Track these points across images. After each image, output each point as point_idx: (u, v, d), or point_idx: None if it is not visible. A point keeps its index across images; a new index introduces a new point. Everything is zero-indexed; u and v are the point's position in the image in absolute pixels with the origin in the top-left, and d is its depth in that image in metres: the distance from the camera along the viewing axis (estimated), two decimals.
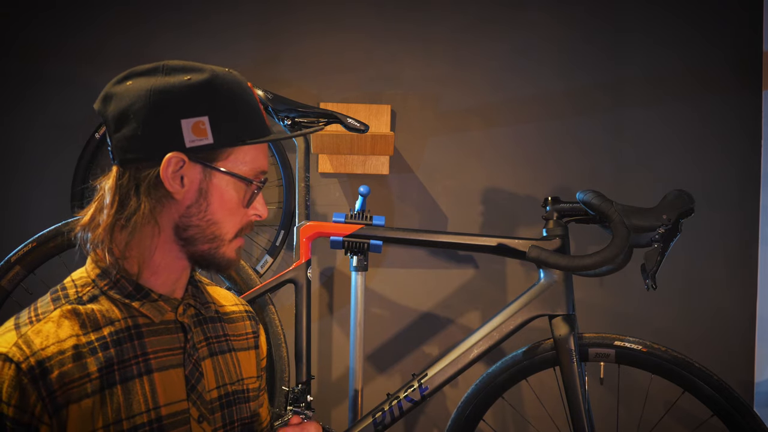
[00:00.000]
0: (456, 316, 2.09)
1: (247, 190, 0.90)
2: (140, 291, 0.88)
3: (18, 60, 2.01)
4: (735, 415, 1.47)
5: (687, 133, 2.09)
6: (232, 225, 0.90)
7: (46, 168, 2.02)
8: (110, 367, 0.82)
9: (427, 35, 2.07)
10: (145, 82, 0.85)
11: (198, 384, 0.89)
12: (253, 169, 0.90)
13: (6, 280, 1.55)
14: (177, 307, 0.91)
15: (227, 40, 2.03)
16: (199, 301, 0.97)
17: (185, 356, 0.89)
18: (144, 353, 0.85)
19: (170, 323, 0.90)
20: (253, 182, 0.90)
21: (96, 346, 0.82)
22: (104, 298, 0.86)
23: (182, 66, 0.87)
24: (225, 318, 1.01)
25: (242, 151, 0.88)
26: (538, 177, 2.08)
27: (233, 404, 0.94)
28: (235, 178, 0.88)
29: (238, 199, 0.89)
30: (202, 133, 0.84)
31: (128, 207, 0.84)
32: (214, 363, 0.94)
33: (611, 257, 1.45)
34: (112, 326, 0.84)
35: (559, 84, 2.09)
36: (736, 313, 2.09)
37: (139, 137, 0.84)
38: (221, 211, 0.88)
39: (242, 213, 0.91)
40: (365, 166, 2.05)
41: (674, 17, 2.09)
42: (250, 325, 1.05)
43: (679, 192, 1.51)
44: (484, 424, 1.88)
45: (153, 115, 0.83)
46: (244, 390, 0.97)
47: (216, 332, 0.97)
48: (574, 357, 1.51)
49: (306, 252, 1.61)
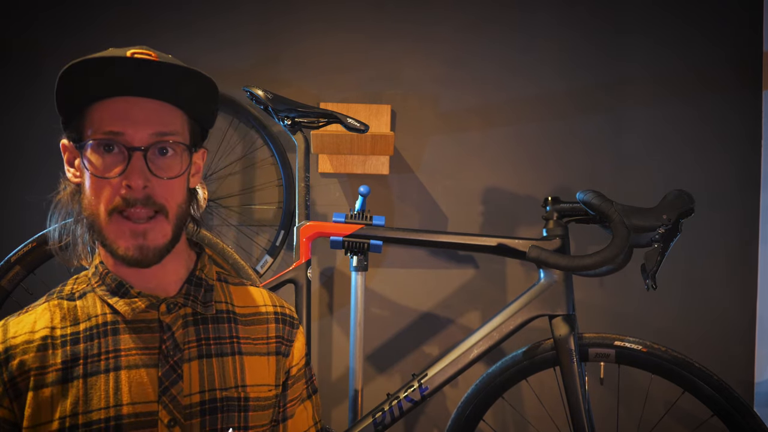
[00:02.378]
0: (456, 316, 2.09)
1: (105, 157, 0.85)
2: (121, 288, 0.87)
3: (18, 60, 2.01)
4: (735, 415, 1.47)
5: (687, 133, 2.09)
6: (101, 200, 0.86)
7: (45, 168, 2.02)
8: (76, 361, 0.82)
9: (427, 35, 2.08)
10: None
11: (173, 386, 0.85)
12: (98, 131, 0.86)
13: (6, 280, 1.55)
14: (159, 305, 0.88)
15: (227, 40, 2.03)
16: (197, 300, 0.92)
17: (161, 356, 0.85)
18: (115, 350, 0.84)
19: (152, 322, 0.87)
20: (98, 142, 0.84)
21: (68, 339, 0.83)
22: (92, 295, 0.88)
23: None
24: (241, 319, 0.95)
25: (93, 116, 0.87)
26: (539, 177, 2.08)
27: (219, 411, 0.87)
28: (87, 147, 0.87)
29: (100, 169, 0.85)
30: (60, 110, 0.90)
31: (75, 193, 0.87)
32: (202, 366, 0.88)
33: (611, 257, 1.45)
34: (89, 322, 0.85)
35: (559, 84, 2.09)
36: (736, 313, 2.09)
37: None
38: (90, 188, 0.87)
39: (111, 185, 0.84)
40: (365, 166, 2.05)
41: (674, 17, 2.09)
42: (277, 328, 0.97)
43: (679, 192, 1.51)
44: (484, 424, 1.88)
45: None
46: (241, 398, 0.90)
47: (219, 333, 0.91)
48: (574, 357, 1.51)
49: (306, 252, 1.61)
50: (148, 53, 0.85)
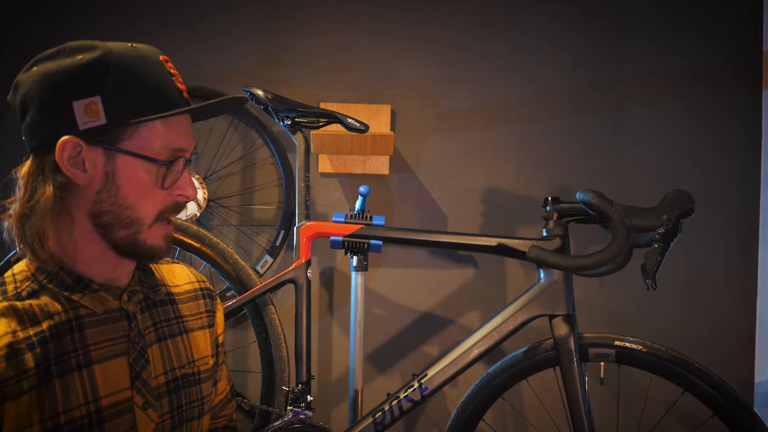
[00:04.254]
0: (456, 316, 2.09)
1: (159, 171, 0.84)
2: (80, 282, 0.85)
3: (18, 60, 2.01)
4: (735, 415, 1.47)
5: (687, 133, 2.09)
6: (150, 208, 0.85)
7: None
8: (47, 362, 0.80)
9: (427, 35, 2.08)
10: (43, 67, 0.82)
11: (143, 371, 0.88)
12: (166, 147, 0.84)
13: None
14: (120, 294, 0.89)
15: (228, 40, 2.03)
16: (148, 285, 0.94)
17: (129, 344, 0.87)
18: (84, 345, 0.83)
19: (114, 312, 0.87)
20: (162, 162, 0.84)
21: (34, 341, 0.79)
22: (44, 293, 0.83)
23: (79, 45, 0.83)
24: (177, 299, 0.99)
25: (148, 129, 0.82)
26: (538, 177, 2.09)
27: (181, 388, 0.93)
28: (141, 158, 0.82)
29: (150, 180, 0.84)
30: (94, 114, 0.80)
31: (35, 195, 0.82)
32: (162, 348, 0.92)
33: (611, 257, 1.45)
34: (52, 320, 0.81)
35: (559, 84, 2.09)
36: (736, 313, 2.09)
37: (37, 123, 0.82)
38: (133, 194, 0.83)
39: (161, 194, 0.86)
40: (365, 166, 2.05)
41: (674, 17, 2.09)
42: (205, 303, 1.03)
43: (679, 192, 1.51)
44: (484, 424, 1.88)
45: (46, 100, 0.81)
46: (195, 372, 0.96)
47: (166, 315, 0.95)
48: (574, 357, 1.51)
49: (306, 252, 1.61)
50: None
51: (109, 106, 0.80)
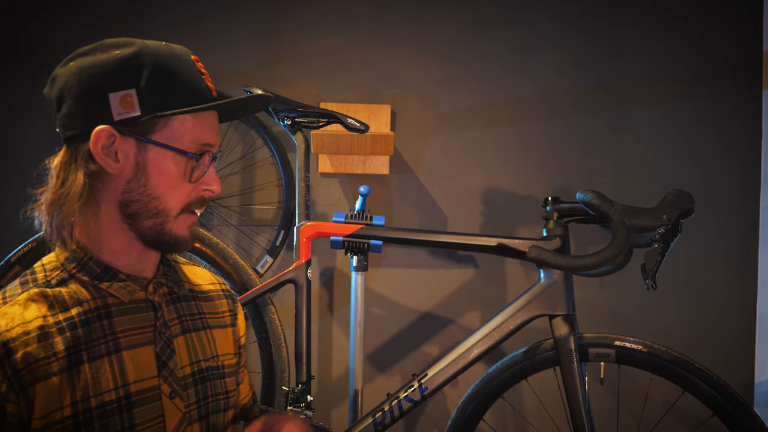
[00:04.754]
0: (456, 316, 2.09)
1: (188, 164, 0.88)
2: (108, 272, 0.88)
3: (18, 60, 2.01)
4: (735, 415, 1.47)
5: (687, 133, 2.09)
6: (176, 200, 0.88)
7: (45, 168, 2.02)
8: (78, 347, 0.83)
9: (427, 35, 2.08)
10: (80, 62, 0.86)
11: (169, 361, 0.90)
12: (194, 141, 0.87)
13: (6, 280, 1.55)
14: (147, 286, 0.92)
15: (228, 40, 2.03)
16: (172, 280, 0.97)
17: (156, 334, 0.90)
18: (113, 332, 0.86)
19: (141, 302, 0.90)
20: (191, 155, 0.87)
21: (64, 326, 0.83)
22: (73, 281, 0.87)
23: (116, 42, 0.87)
24: (201, 296, 1.02)
25: (178, 122, 0.86)
26: (539, 177, 2.08)
27: (207, 380, 0.95)
28: (171, 150, 0.86)
29: (179, 172, 0.87)
30: (129, 106, 0.84)
31: (66, 183, 0.86)
32: (187, 340, 0.95)
33: (611, 257, 1.45)
34: (81, 307, 0.85)
35: (559, 83, 2.09)
36: (736, 313, 2.09)
37: (73, 114, 0.85)
38: (161, 185, 0.87)
39: (188, 187, 0.89)
40: (365, 166, 2.05)
41: (674, 17, 2.09)
42: (227, 303, 1.06)
43: (679, 192, 1.51)
44: (484, 424, 1.88)
45: (83, 91, 0.84)
46: (219, 366, 0.98)
47: (190, 310, 0.98)
48: (574, 357, 1.51)
49: (306, 252, 1.61)
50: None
51: (143, 98, 0.84)
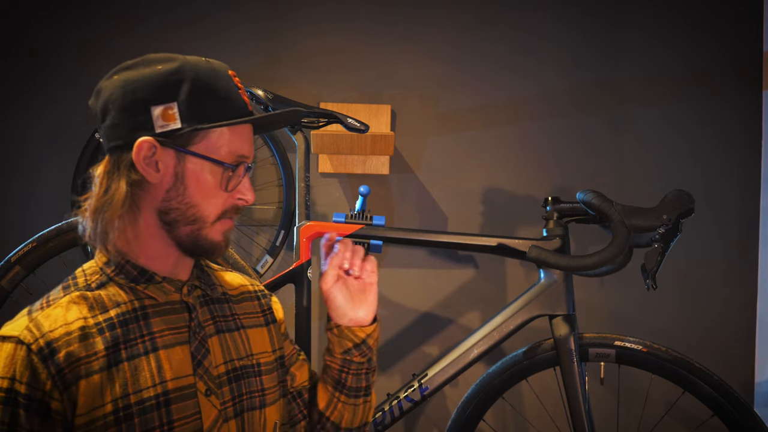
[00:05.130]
0: (456, 316, 2.09)
1: (224, 174, 0.92)
2: (145, 275, 0.93)
3: (18, 60, 2.01)
4: (735, 415, 1.47)
5: (687, 133, 2.09)
6: (212, 208, 0.93)
7: (46, 168, 2.02)
8: (117, 346, 0.87)
9: (427, 35, 2.07)
10: (125, 75, 0.91)
11: (204, 360, 0.94)
12: (230, 153, 0.92)
13: (6, 280, 1.55)
14: (181, 288, 0.96)
15: (228, 40, 2.03)
16: (205, 283, 1.01)
17: (191, 334, 0.94)
18: (150, 332, 0.90)
19: (176, 303, 0.95)
20: (227, 165, 0.92)
21: (104, 326, 0.87)
22: (112, 284, 0.92)
23: (158, 57, 0.92)
24: (233, 299, 1.05)
25: (216, 135, 0.91)
26: (539, 177, 2.08)
27: (241, 378, 0.98)
28: (209, 161, 0.90)
29: (215, 182, 0.92)
30: (170, 118, 0.88)
31: (109, 191, 0.90)
32: (221, 340, 0.98)
33: (611, 257, 1.45)
34: (119, 308, 0.90)
35: (559, 83, 2.09)
36: (736, 313, 2.09)
37: (117, 125, 0.90)
38: (198, 194, 0.91)
39: (223, 196, 0.94)
40: (365, 166, 2.05)
41: (674, 17, 2.09)
42: (260, 304, 1.09)
43: (679, 192, 1.51)
44: (484, 424, 1.88)
45: (127, 104, 0.89)
46: (254, 365, 1.02)
47: (223, 312, 1.01)
48: (574, 357, 1.51)
49: (306, 252, 1.61)
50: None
51: (183, 111, 0.89)
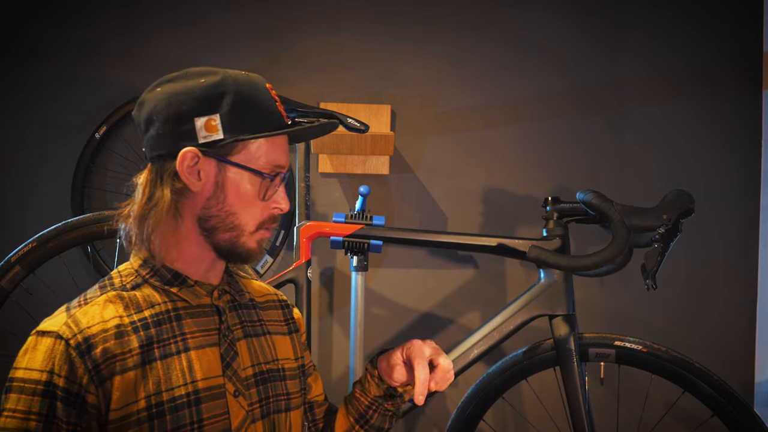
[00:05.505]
0: (456, 316, 2.09)
1: (263, 184, 0.96)
2: (178, 278, 0.97)
3: (18, 60, 2.01)
4: (735, 415, 1.47)
5: (687, 133, 2.09)
6: (251, 216, 0.97)
7: (46, 168, 2.02)
8: (150, 345, 0.91)
9: (427, 35, 2.07)
10: (168, 87, 0.94)
11: (233, 362, 0.97)
12: (269, 163, 0.96)
13: (6, 280, 1.55)
14: (212, 292, 1.00)
15: (228, 40, 2.03)
16: (234, 289, 1.05)
17: (220, 336, 0.97)
18: (182, 333, 0.94)
19: (206, 307, 0.99)
20: (266, 175, 0.96)
21: (138, 325, 0.91)
22: (146, 286, 0.96)
23: (200, 71, 0.96)
24: (260, 306, 1.09)
25: (255, 146, 0.95)
26: (539, 177, 2.08)
27: (268, 381, 1.02)
28: (249, 171, 0.95)
29: (254, 191, 0.96)
30: (213, 129, 0.92)
31: (154, 198, 0.93)
32: (249, 344, 1.02)
33: (611, 257, 1.45)
34: (153, 309, 0.94)
35: (559, 83, 2.09)
36: (736, 313, 2.09)
37: (161, 135, 0.93)
38: (238, 203, 0.95)
39: (261, 205, 0.97)
40: (365, 166, 2.05)
41: (674, 17, 2.09)
42: (284, 313, 1.13)
43: (679, 192, 1.51)
44: (484, 424, 1.88)
45: (171, 115, 0.92)
46: (280, 369, 1.05)
47: (250, 317, 1.05)
48: (574, 357, 1.51)
49: (306, 252, 1.61)
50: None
51: (225, 123, 0.93)
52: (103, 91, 2.00)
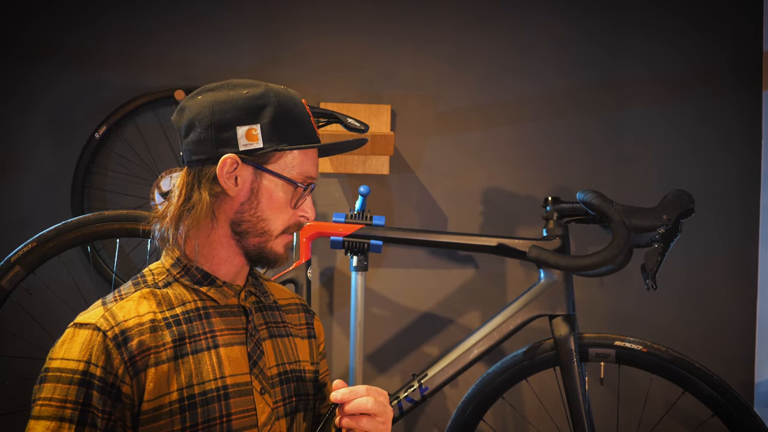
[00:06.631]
0: (456, 316, 2.09)
1: (295, 192, 1.01)
2: (207, 278, 1.01)
3: (18, 60, 2.01)
4: (735, 415, 1.47)
5: (687, 133, 2.09)
6: (280, 222, 1.01)
7: (46, 168, 2.02)
8: (182, 340, 0.95)
9: (427, 35, 2.07)
10: (211, 96, 0.99)
11: (259, 360, 1.01)
12: (301, 174, 1.01)
13: (6, 280, 1.55)
14: (239, 293, 1.04)
15: (228, 40, 2.03)
16: (259, 291, 1.09)
17: (247, 335, 1.01)
18: (211, 330, 0.98)
19: (234, 307, 1.03)
20: (299, 185, 1.01)
21: (170, 321, 0.96)
22: (177, 284, 1.00)
23: (243, 82, 1.02)
24: (283, 308, 1.13)
25: (290, 156, 1.00)
26: (539, 177, 2.08)
27: (291, 381, 1.05)
28: (283, 179, 0.99)
29: (286, 199, 1.01)
30: (253, 138, 0.98)
31: (191, 201, 0.98)
32: (274, 344, 1.06)
33: (611, 257, 1.46)
34: (184, 306, 0.98)
35: (559, 83, 2.09)
36: (736, 313, 2.09)
37: (202, 141, 0.98)
38: (270, 209, 1.00)
39: (290, 212, 1.02)
40: (365, 166, 2.05)
41: (675, 17, 2.09)
42: (305, 317, 1.17)
43: (679, 192, 1.52)
44: (484, 424, 1.88)
45: (215, 122, 0.97)
46: (301, 370, 1.09)
47: (275, 318, 1.09)
48: (574, 357, 1.51)
49: (306, 252, 1.61)
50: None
51: (265, 133, 0.98)
52: (103, 91, 2.00)
